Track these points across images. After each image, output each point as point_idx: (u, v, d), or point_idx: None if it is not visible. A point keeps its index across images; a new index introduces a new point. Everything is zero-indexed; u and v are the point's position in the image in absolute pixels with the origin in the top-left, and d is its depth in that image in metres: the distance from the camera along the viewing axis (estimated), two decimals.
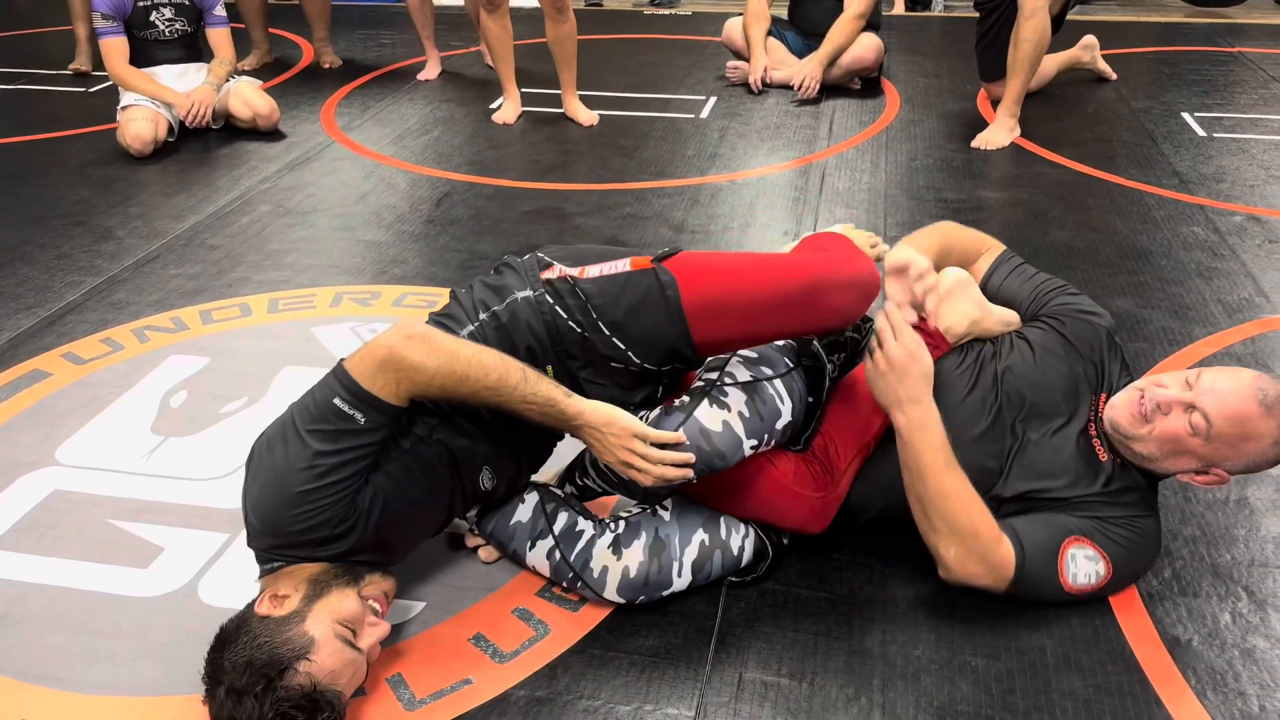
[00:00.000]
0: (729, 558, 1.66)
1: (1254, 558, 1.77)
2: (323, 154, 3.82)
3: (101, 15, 3.79)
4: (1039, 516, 1.63)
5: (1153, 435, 1.59)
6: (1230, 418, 1.53)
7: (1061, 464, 1.65)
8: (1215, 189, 3.31)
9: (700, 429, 1.54)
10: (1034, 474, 1.66)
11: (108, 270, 2.90)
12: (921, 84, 4.51)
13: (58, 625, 1.68)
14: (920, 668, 1.56)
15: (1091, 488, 1.64)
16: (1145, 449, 1.61)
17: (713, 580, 1.68)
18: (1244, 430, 1.53)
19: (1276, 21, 5.58)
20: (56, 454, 2.11)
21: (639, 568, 1.62)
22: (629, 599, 1.64)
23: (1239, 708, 1.48)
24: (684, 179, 3.49)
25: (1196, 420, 1.54)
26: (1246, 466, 1.59)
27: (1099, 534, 1.61)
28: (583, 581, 1.65)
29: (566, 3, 3.87)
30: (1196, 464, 1.59)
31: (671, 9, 6.17)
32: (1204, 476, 1.61)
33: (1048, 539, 1.59)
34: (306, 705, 1.36)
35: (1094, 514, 1.63)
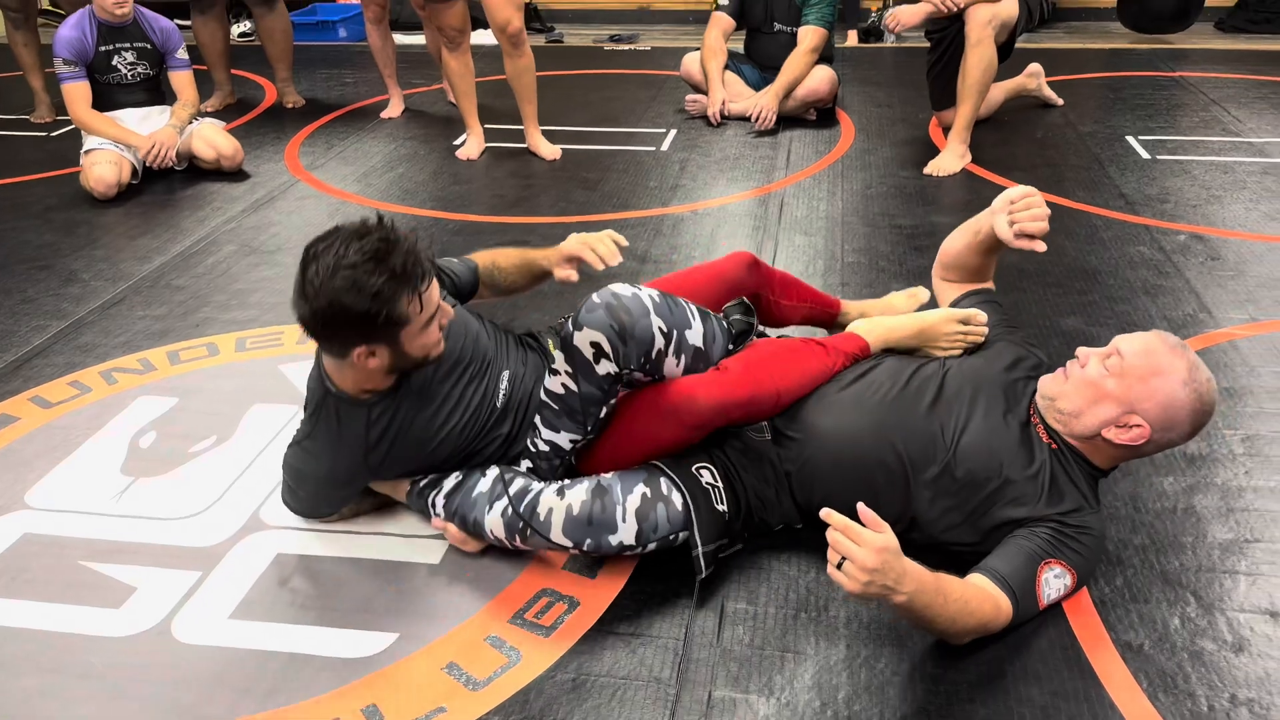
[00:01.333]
0: (673, 512, 1.75)
1: (1201, 564, 1.83)
2: (287, 193, 3.85)
3: (63, 60, 3.81)
4: (1011, 547, 1.67)
5: (1072, 385, 1.72)
6: (1138, 352, 1.68)
7: (1005, 444, 1.75)
8: (1160, 209, 3.42)
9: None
10: (981, 451, 1.74)
11: (74, 313, 2.91)
12: (875, 114, 4.62)
13: (32, 668, 1.69)
14: (885, 680, 1.60)
15: (1034, 475, 1.71)
16: (1069, 405, 1.72)
17: (662, 541, 1.75)
18: (1152, 362, 1.67)
19: (1217, 46, 5.78)
20: (26, 498, 2.11)
21: (582, 506, 1.73)
22: (575, 540, 1.73)
23: (1189, 708, 1.54)
24: (647, 210, 3.56)
25: (1111, 362, 1.69)
26: (1163, 411, 1.66)
27: (1063, 549, 1.67)
28: (531, 529, 1.75)
29: (522, 37, 3.94)
30: (1116, 410, 1.68)
31: (631, 45, 6.27)
32: (1125, 432, 1.68)
33: (1027, 574, 1.64)
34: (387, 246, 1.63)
35: (1053, 526, 1.68)
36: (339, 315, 1.64)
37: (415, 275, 1.66)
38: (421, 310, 1.70)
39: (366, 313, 1.63)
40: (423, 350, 1.76)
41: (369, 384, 1.81)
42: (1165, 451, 2.10)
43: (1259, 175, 3.71)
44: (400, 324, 1.68)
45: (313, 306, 1.66)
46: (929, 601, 1.50)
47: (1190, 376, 1.67)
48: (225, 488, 2.12)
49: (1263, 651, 1.64)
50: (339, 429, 1.83)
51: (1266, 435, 2.20)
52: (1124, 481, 2.05)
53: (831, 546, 1.43)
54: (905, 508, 1.77)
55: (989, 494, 1.73)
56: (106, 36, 3.87)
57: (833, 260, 3.11)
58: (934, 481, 1.75)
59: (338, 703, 1.60)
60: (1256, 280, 2.89)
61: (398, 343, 1.71)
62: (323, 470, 1.88)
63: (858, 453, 1.80)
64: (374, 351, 1.70)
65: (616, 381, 1.79)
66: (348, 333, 1.67)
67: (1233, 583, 1.79)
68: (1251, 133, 4.19)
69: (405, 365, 1.78)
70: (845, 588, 1.43)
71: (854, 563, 1.41)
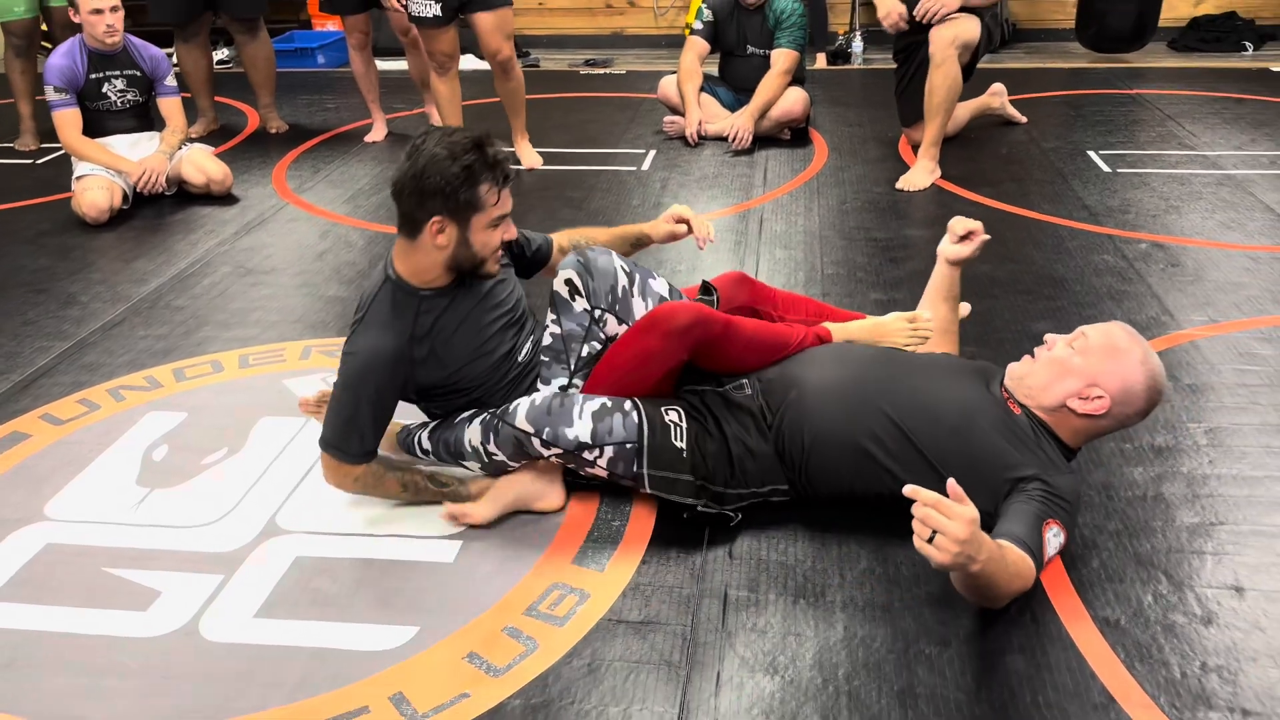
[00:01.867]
0: (629, 424, 1.95)
1: (1170, 545, 1.96)
2: (277, 215, 3.93)
3: (54, 88, 3.88)
4: (1018, 511, 1.79)
5: (1041, 363, 1.94)
6: (1102, 333, 1.92)
7: (980, 403, 1.95)
8: (1121, 219, 3.59)
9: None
10: (958, 400, 1.95)
11: (75, 334, 2.97)
12: (846, 132, 4.77)
13: (65, 668, 1.75)
14: (881, 658, 1.71)
15: (1012, 446, 1.87)
16: (1037, 380, 1.93)
17: (617, 448, 1.94)
18: (1113, 343, 1.89)
19: (1171, 65, 6.01)
20: (45, 510, 2.18)
21: (543, 399, 1.98)
22: (535, 425, 1.95)
23: (1163, 675, 1.66)
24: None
25: (1078, 343, 1.91)
26: (1122, 385, 1.86)
27: (1055, 509, 1.80)
28: (502, 421, 1.96)
29: (511, 63, 4.13)
30: (1080, 383, 1.88)
31: (606, 69, 6.41)
32: (1088, 403, 1.87)
33: (1036, 535, 1.76)
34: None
35: (1043, 488, 1.82)
36: (431, 176, 1.88)
37: (503, 169, 1.94)
38: (496, 205, 1.95)
39: (454, 178, 1.88)
40: (483, 248, 1.98)
41: (428, 274, 2.01)
42: (1136, 445, 2.24)
43: (1214, 186, 3.89)
44: (476, 206, 1.93)
45: (413, 167, 1.90)
46: (996, 568, 1.62)
47: (1145, 358, 1.88)
48: (241, 496, 2.20)
49: (1229, 623, 1.76)
50: (391, 312, 2.01)
51: (1228, 427, 2.33)
52: (1097, 472, 2.18)
53: (921, 521, 1.51)
54: (883, 440, 1.93)
55: (970, 441, 1.89)
56: (97, 64, 3.95)
57: (813, 272, 3.24)
58: (914, 425, 1.92)
59: (365, 691, 1.68)
60: (1214, 285, 3.05)
61: (468, 226, 1.94)
62: (365, 363, 1.98)
63: (842, 395, 1.98)
64: (444, 227, 1.93)
65: (592, 319, 2.06)
66: (432, 198, 1.90)
67: (1200, 562, 1.91)
68: (1206, 146, 4.38)
69: (464, 261, 1.99)
70: (935, 559, 1.52)
71: (947, 535, 1.50)
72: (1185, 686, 1.63)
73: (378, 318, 2.01)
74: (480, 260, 2.00)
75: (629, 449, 1.95)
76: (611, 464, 1.97)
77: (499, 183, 1.94)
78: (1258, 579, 1.86)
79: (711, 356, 2.09)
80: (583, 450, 1.96)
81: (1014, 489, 1.84)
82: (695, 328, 2.01)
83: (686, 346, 2.03)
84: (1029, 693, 1.63)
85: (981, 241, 2.34)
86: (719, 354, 2.09)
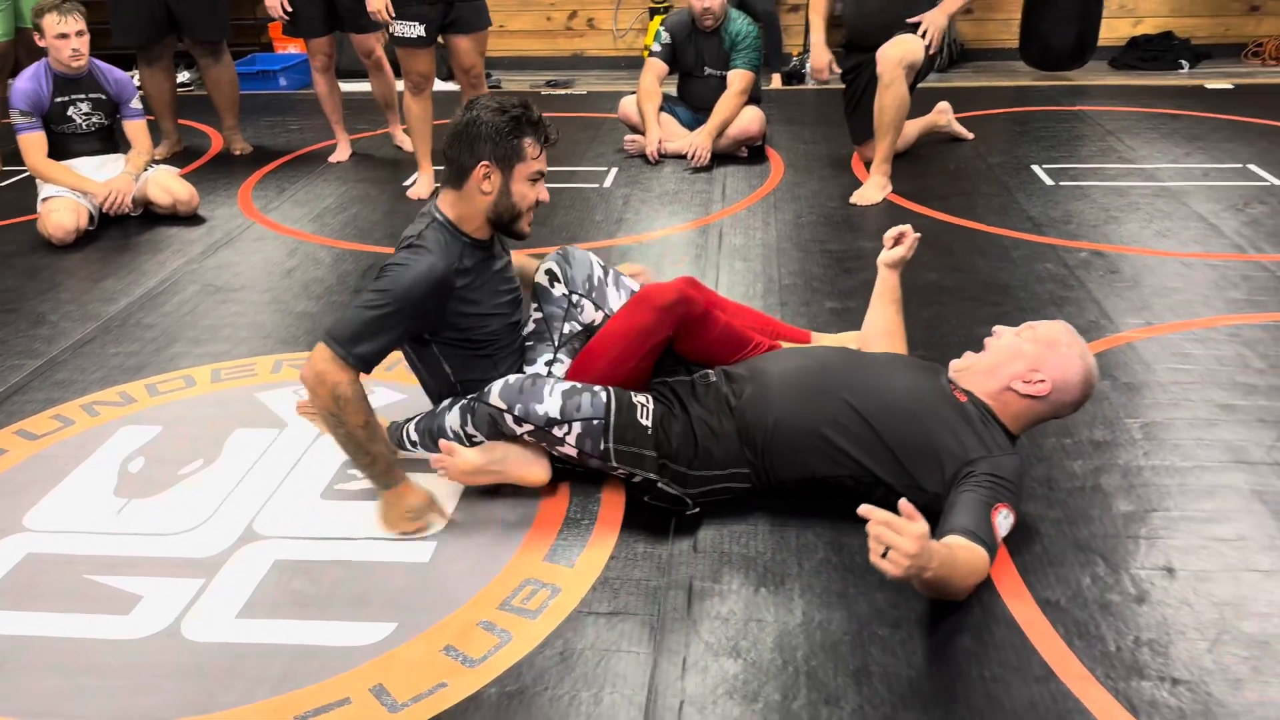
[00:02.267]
0: (597, 401, 2.08)
1: (1107, 531, 2.08)
2: (244, 234, 3.99)
3: (20, 111, 3.91)
4: (965, 502, 1.91)
5: (990, 350, 2.12)
6: (1048, 326, 2.12)
7: (929, 390, 2.09)
8: (1063, 230, 3.75)
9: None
10: (909, 389, 2.09)
11: (46, 352, 3.01)
12: (801, 150, 4.92)
13: (51, 670, 1.80)
14: (837, 640, 1.81)
15: (961, 429, 2.01)
16: (985, 364, 2.09)
17: (585, 424, 2.07)
18: (1057, 336, 2.09)
19: (1112, 82, 6.23)
20: (24, 521, 2.22)
21: (515, 379, 2.13)
22: (508, 402, 2.09)
23: (1099, 649, 1.77)
24: (595, 242, 3.78)
25: (1026, 332, 2.11)
26: (1062, 373, 2.04)
27: (1001, 491, 1.92)
28: (480, 401, 2.14)
29: (482, 78, 4.35)
30: (1025, 366, 2.05)
31: (567, 89, 6.53)
32: (1031, 386, 2.05)
33: (986, 522, 1.87)
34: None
35: (988, 475, 1.93)
36: (481, 123, 2.10)
37: (544, 129, 2.17)
38: (537, 159, 2.16)
39: (503, 126, 2.10)
40: (520, 200, 2.17)
41: (471, 224, 2.20)
42: (1076, 440, 2.38)
43: (1151, 198, 4.07)
44: (519, 156, 2.13)
45: (465, 117, 2.13)
46: (949, 572, 1.73)
47: (1083, 354, 2.08)
48: (218, 504, 2.26)
49: (1160, 601, 1.88)
50: (443, 242, 2.16)
51: (1161, 422, 2.47)
52: (1040, 466, 2.30)
53: (875, 539, 1.62)
54: (843, 424, 2.06)
55: (924, 425, 2.02)
56: (62, 88, 3.99)
57: (771, 283, 3.36)
58: (872, 411, 2.05)
59: (347, 684, 1.75)
60: (1150, 290, 3.21)
61: (510, 174, 2.14)
62: (416, 276, 2.09)
63: (805, 381, 2.13)
64: (490, 174, 2.13)
65: (570, 303, 2.28)
66: (483, 144, 2.11)
67: (1135, 546, 2.04)
68: (1144, 160, 4.57)
69: (503, 211, 2.17)
70: (889, 573, 1.62)
71: (898, 551, 1.61)
72: (1119, 659, 1.75)
73: (431, 243, 2.15)
74: (518, 213, 2.19)
75: (596, 425, 2.07)
76: (580, 440, 2.09)
77: (541, 140, 2.16)
78: (1188, 560, 1.99)
79: (691, 337, 2.29)
80: (552, 426, 2.08)
81: (962, 473, 1.97)
82: (681, 304, 2.24)
83: (672, 322, 2.24)
84: (975, 668, 1.74)
85: (913, 240, 2.52)
86: (698, 335, 2.30)
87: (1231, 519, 2.11)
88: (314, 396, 2.06)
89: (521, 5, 7.05)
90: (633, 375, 2.24)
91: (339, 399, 2.04)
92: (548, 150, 2.20)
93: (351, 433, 2.07)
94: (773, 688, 1.71)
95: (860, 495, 2.05)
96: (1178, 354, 2.79)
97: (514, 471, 2.17)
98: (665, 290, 2.26)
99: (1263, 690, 1.68)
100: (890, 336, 2.51)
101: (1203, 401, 2.55)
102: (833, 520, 2.08)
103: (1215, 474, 2.26)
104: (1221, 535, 2.06)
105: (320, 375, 2.03)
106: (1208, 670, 1.72)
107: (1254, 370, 2.69)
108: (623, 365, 2.23)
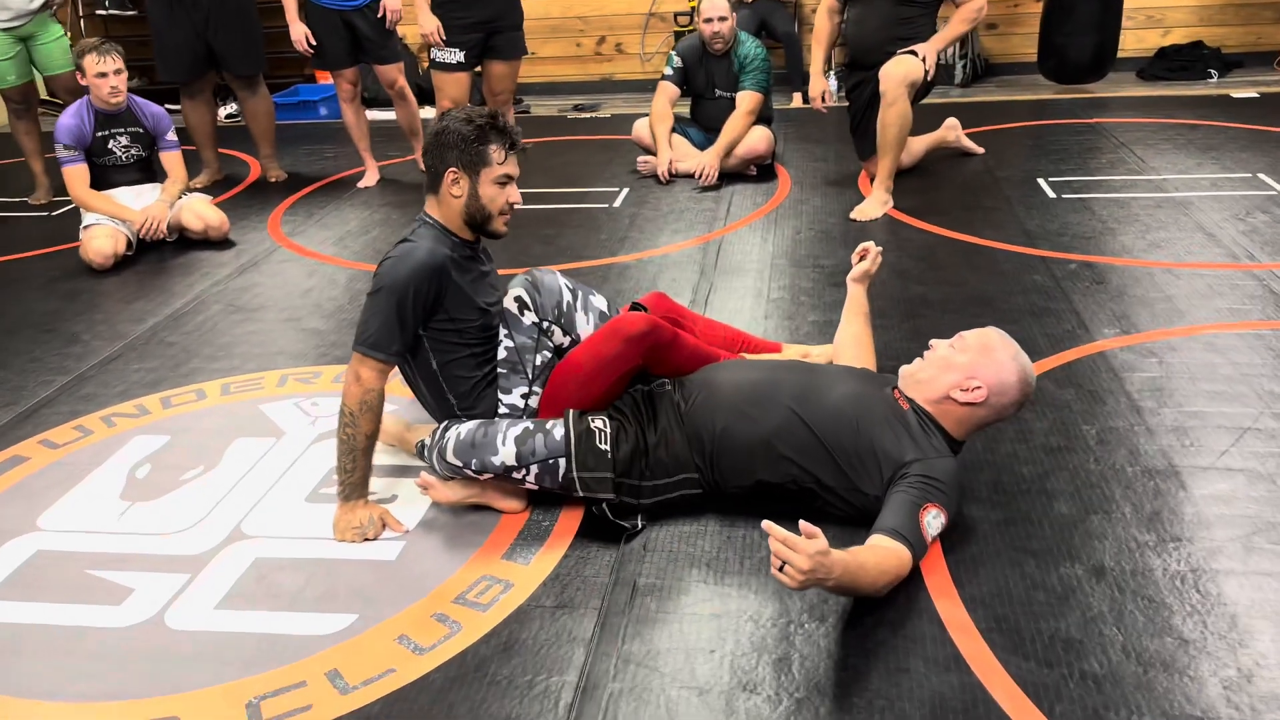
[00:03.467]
0: (551, 441, 2.19)
1: (1044, 533, 2.14)
2: (270, 257, 4.21)
3: (64, 145, 4.19)
4: (894, 503, 2.01)
5: (928, 362, 2.21)
6: (977, 335, 2.22)
7: (872, 399, 2.19)
8: (1056, 242, 3.79)
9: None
10: (851, 398, 2.19)
11: (76, 369, 3.24)
12: (811, 167, 5.01)
13: (46, 653, 1.98)
14: (765, 632, 1.91)
15: (900, 434, 2.11)
16: (924, 374, 2.19)
17: (542, 465, 2.18)
18: (988, 342, 2.18)
19: (1136, 94, 6.21)
20: (38, 521, 2.42)
21: (468, 432, 2.23)
22: (463, 459, 2.21)
23: (1014, 643, 1.84)
24: (597, 260, 3.92)
25: (957, 343, 2.20)
26: (997, 377, 2.14)
27: (932, 492, 2.02)
28: (437, 454, 2.25)
29: (509, 105, 4.60)
30: (960, 376, 2.14)
31: (592, 113, 6.71)
32: (968, 393, 2.13)
33: (912, 521, 1.98)
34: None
35: (920, 477, 2.03)
36: (450, 133, 2.26)
37: (510, 136, 2.30)
38: (503, 164, 2.29)
39: (468, 135, 2.25)
40: (490, 203, 2.31)
41: (453, 224, 2.35)
42: (1030, 445, 2.44)
43: (1152, 208, 4.09)
44: (484, 161, 2.28)
45: (436, 127, 2.30)
46: (853, 578, 1.83)
47: (1016, 355, 2.18)
48: (211, 507, 2.44)
49: (1084, 600, 1.95)
50: (435, 236, 2.32)
51: (1119, 429, 2.52)
52: (988, 470, 2.37)
53: (774, 554, 1.71)
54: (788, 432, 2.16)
55: (864, 433, 2.12)
56: (103, 123, 4.27)
57: (759, 296, 3.46)
58: (815, 419, 2.15)
59: (305, 669, 1.90)
60: (1133, 300, 3.24)
61: (478, 178, 2.28)
62: (416, 265, 2.23)
63: (753, 390, 2.23)
64: (458, 179, 2.28)
65: (540, 331, 2.34)
66: (449, 151, 2.27)
67: (1068, 548, 2.10)
68: (1152, 170, 4.58)
69: (475, 213, 2.32)
70: (786, 585, 1.73)
71: (793, 566, 1.71)
72: (1032, 652, 1.82)
73: (424, 237, 2.31)
74: (489, 214, 2.32)
75: (552, 464, 2.18)
76: (539, 478, 2.21)
77: (506, 146, 2.29)
78: (1121, 560, 2.05)
79: (661, 362, 2.39)
80: (510, 472, 2.21)
81: (898, 475, 2.07)
82: (650, 334, 2.33)
83: (641, 352, 2.33)
84: (892, 659, 1.82)
85: (876, 254, 2.65)
86: (667, 360, 2.39)
87: (1172, 522, 2.15)
88: (344, 398, 2.26)
89: (552, 32, 7.27)
90: (604, 399, 2.34)
91: (365, 404, 2.24)
92: (516, 156, 2.33)
93: (356, 437, 2.25)
94: (698, 675, 1.81)
95: (804, 498, 2.17)
96: (1148, 362, 2.83)
97: (491, 503, 2.32)
98: (634, 321, 2.33)
99: (1171, 681, 1.73)
100: (858, 348, 2.61)
101: (1165, 409, 2.59)
102: (779, 522, 2.17)
103: (1163, 479, 2.31)
104: (1159, 538, 2.11)
105: (361, 380, 2.24)
106: (1119, 665, 1.78)
107: (1222, 378, 2.73)
108: (593, 392, 2.32)
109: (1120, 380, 2.75)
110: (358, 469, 2.27)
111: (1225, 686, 1.72)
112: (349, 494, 2.28)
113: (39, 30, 4.93)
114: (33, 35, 4.92)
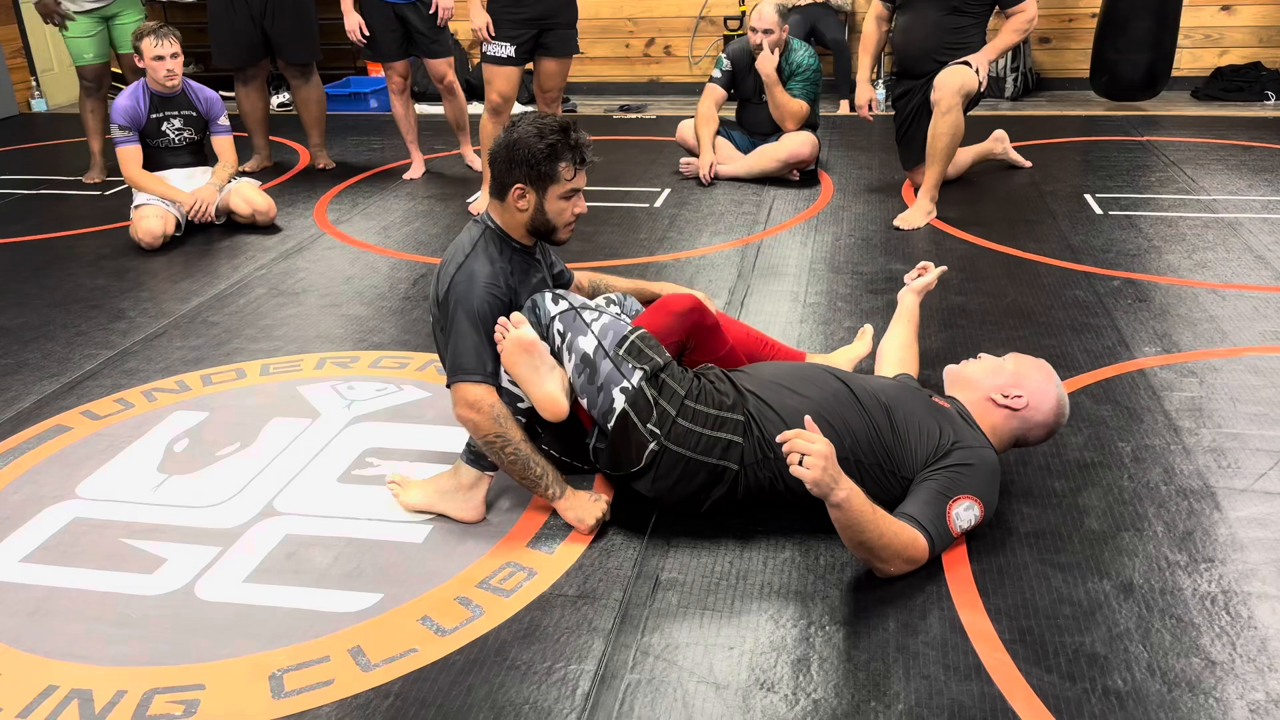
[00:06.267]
0: (620, 327, 2.24)
1: (1075, 548, 2.12)
2: (314, 244, 4.27)
3: (119, 126, 4.28)
4: (918, 492, 2.03)
5: (975, 364, 2.28)
6: (1028, 357, 2.28)
7: (917, 397, 2.20)
8: (1101, 258, 3.74)
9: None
10: (891, 389, 2.21)
11: (120, 344, 3.31)
12: (855, 174, 4.99)
13: (80, 617, 2.03)
14: (785, 632, 1.91)
15: (944, 420, 2.13)
16: (970, 370, 2.24)
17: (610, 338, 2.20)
18: (1037, 364, 2.25)
19: (1190, 113, 6.12)
20: (77, 490, 2.48)
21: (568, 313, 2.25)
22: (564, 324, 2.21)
23: (1037, 655, 1.82)
24: (634, 259, 3.93)
25: (1009, 358, 2.27)
26: (1038, 395, 2.19)
27: (966, 484, 2.03)
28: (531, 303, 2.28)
29: (558, 103, 4.64)
30: (1006, 381, 2.20)
31: (639, 114, 6.73)
32: (1009, 399, 2.18)
33: (936, 511, 2.00)
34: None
35: (952, 467, 2.04)
36: (520, 149, 2.21)
37: (582, 151, 2.25)
38: (572, 180, 2.25)
39: (538, 153, 2.20)
40: (556, 216, 2.28)
41: (514, 232, 2.33)
42: (1063, 460, 2.42)
43: (1200, 229, 4.03)
44: (553, 178, 2.23)
45: (507, 139, 2.24)
46: (861, 506, 1.87)
47: (1058, 384, 2.25)
48: (246, 483, 2.48)
49: (1111, 616, 1.92)
50: (491, 249, 2.30)
51: (1156, 447, 2.49)
52: (1020, 483, 2.35)
53: (790, 451, 1.81)
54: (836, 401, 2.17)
55: (905, 416, 2.13)
56: (158, 105, 4.35)
57: (795, 301, 3.45)
58: (858, 389, 2.18)
59: (329, 644, 1.92)
60: (1176, 319, 3.20)
61: (545, 194, 2.25)
62: (481, 286, 2.23)
63: (794, 373, 2.28)
64: (525, 194, 2.25)
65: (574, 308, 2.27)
66: (519, 167, 2.23)
67: (1097, 563, 2.07)
68: (1202, 190, 4.51)
69: (540, 225, 2.30)
70: (807, 477, 1.80)
71: (811, 455, 1.80)
72: (1055, 665, 1.80)
73: (482, 251, 2.29)
74: (554, 227, 2.31)
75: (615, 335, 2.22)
76: (603, 331, 2.21)
77: (577, 163, 2.25)
78: (1150, 578, 2.02)
79: (702, 345, 2.42)
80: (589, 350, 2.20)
81: (936, 456, 2.09)
82: (695, 311, 2.38)
83: (687, 327, 2.37)
84: (914, 665, 1.81)
85: (937, 273, 2.74)
86: (708, 344, 2.43)
87: (1205, 543, 2.12)
88: (476, 429, 2.18)
89: (602, 33, 7.30)
90: None
91: (499, 419, 2.17)
92: (586, 170, 2.28)
93: (519, 447, 2.18)
94: (716, 670, 1.82)
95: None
96: (1188, 382, 2.79)
97: (449, 513, 2.29)
98: (683, 298, 2.40)
99: (1196, 702, 1.71)
100: (903, 353, 2.60)
101: (1204, 429, 2.55)
102: (805, 527, 2.17)
103: (1198, 499, 2.27)
104: (1190, 558, 2.08)
105: (476, 404, 2.17)
106: (1143, 682, 1.76)
107: (1264, 401, 2.68)
108: None
109: (1159, 399, 2.71)
110: (544, 470, 2.22)
111: (1252, 710, 1.69)
112: (559, 491, 2.23)
113: (122, 10, 5.14)
114: (116, 15, 5.12)
